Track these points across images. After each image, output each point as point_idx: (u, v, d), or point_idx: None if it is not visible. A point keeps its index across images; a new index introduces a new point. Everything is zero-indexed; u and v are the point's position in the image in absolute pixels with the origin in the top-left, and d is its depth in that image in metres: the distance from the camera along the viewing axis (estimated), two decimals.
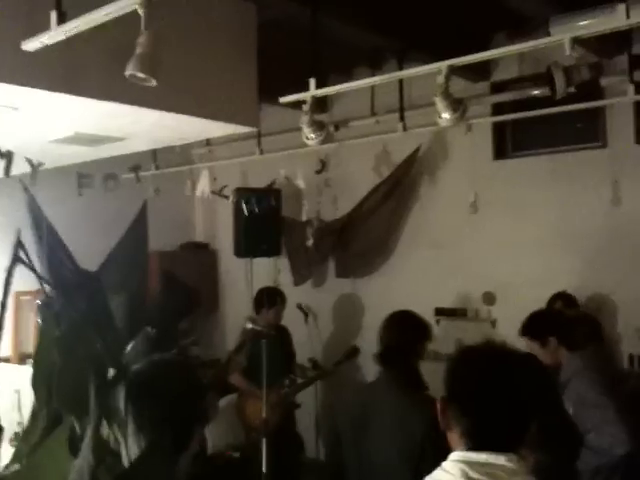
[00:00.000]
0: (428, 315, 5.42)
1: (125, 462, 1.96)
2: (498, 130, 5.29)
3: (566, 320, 3.57)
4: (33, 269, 3.83)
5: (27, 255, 3.76)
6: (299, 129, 3.64)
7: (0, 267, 4.27)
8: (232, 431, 4.84)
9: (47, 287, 4.12)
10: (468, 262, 5.29)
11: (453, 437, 1.57)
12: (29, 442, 3.73)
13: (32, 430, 3.84)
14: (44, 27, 2.50)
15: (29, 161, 3.52)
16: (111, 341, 4.76)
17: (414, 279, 5.60)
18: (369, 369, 5.81)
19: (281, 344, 5.07)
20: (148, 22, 2.23)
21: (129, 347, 4.22)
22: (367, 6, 3.94)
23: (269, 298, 5.13)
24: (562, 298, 4.70)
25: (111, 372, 3.72)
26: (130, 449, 1.86)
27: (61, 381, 3.75)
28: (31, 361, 4.52)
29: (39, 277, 3.85)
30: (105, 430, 3.61)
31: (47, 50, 2.60)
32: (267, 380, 4.30)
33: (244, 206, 5.54)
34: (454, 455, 1.54)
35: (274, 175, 5.97)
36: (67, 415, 3.65)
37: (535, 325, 3.45)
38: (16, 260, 3.72)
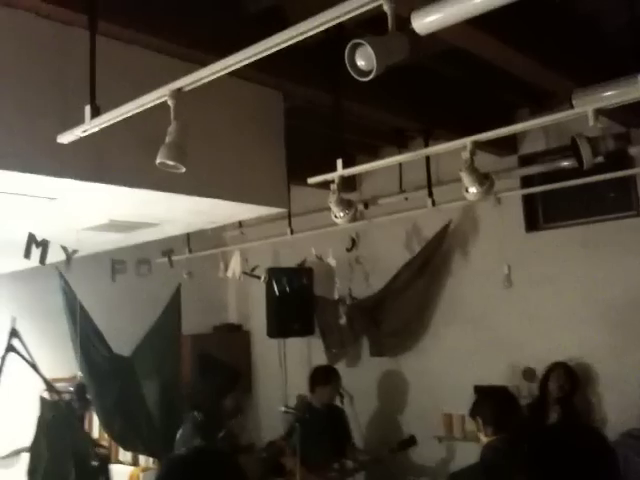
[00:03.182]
0: (467, 393, 5.29)
1: None
2: (529, 202, 5.27)
3: None
4: (25, 358, 3.89)
5: (23, 343, 3.81)
6: (329, 208, 3.67)
7: (36, 351, 4.34)
8: None
9: (79, 373, 4.18)
10: (505, 337, 5.16)
11: None
12: None
13: None
14: (79, 120, 2.60)
15: (64, 249, 3.60)
16: (144, 426, 4.73)
17: (451, 356, 5.47)
18: (419, 456, 5.62)
19: (333, 425, 4.94)
20: (177, 112, 2.30)
21: (178, 434, 4.17)
22: (390, 88, 4.04)
23: (325, 376, 5.05)
24: (559, 368, 4.60)
25: (94, 464, 3.70)
26: None
27: (47, 475, 3.74)
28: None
29: (32, 366, 3.90)
30: None
31: (82, 141, 2.70)
32: (314, 461, 4.16)
33: (275, 286, 5.55)
34: None
35: (305, 254, 5.99)
36: None
37: None
38: (9, 349, 3.77)
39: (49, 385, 3.95)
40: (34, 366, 3.89)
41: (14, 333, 3.77)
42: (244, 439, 5.84)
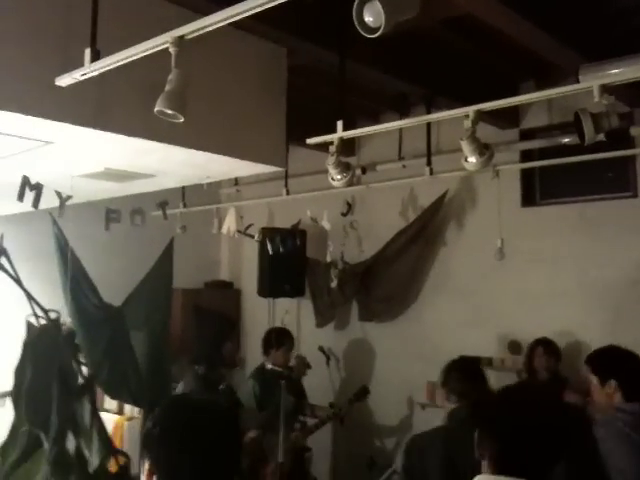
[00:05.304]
0: None
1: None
2: (527, 177, 5.26)
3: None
4: (10, 274, 3.86)
5: (10, 262, 3.77)
6: (326, 171, 3.66)
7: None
8: None
9: (69, 319, 4.17)
10: (494, 309, 5.21)
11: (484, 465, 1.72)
12: (8, 460, 3.70)
13: (11, 447, 3.82)
14: (78, 64, 2.57)
15: (58, 194, 3.57)
16: (132, 376, 4.76)
17: (439, 325, 5.52)
18: (382, 412, 5.73)
19: (289, 386, 5.00)
20: (179, 60, 2.27)
21: (178, 388, 4.20)
22: (395, 53, 4.00)
23: (277, 339, 5.04)
24: (542, 344, 4.61)
25: (79, 382, 3.68)
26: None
27: (29, 395, 3.74)
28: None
29: (17, 282, 3.88)
30: (71, 444, 3.59)
31: (80, 86, 2.67)
32: (277, 424, 4.19)
33: (269, 245, 5.55)
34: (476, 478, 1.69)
35: (300, 216, 5.99)
36: (35, 429, 3.65)
37: (602, 359, 3.03)
38: None
39: (34, 301, 3.90)
40: (19, 282, 3.85)
41: (1, 251, 3.71)
42: None
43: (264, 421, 4.43)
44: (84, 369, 4.17)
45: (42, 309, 3.85)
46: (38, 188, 3.37)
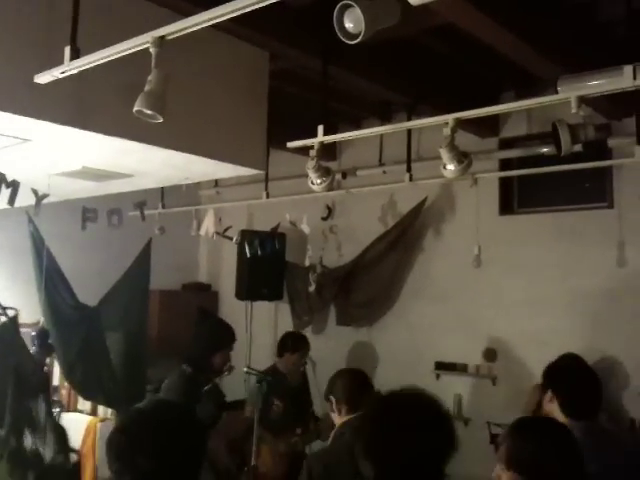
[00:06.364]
0: (428, 369, 5.38)
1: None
2: (505, 186, 5.30)
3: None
4: None
5: None
6: (307, 175, 3.67)
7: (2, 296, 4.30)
8: None
9: (42, 319, 4.15)
10: (470, 316, 5.23)
11: None
12: None
13: None
14: (58, 62, 2.54)
15: (34, 191, 3.54)
16: (106, 378, 4.73)
17: (415, 331, 5.54)
18: None
19: (296, 391, 4.98)
20: (159, 61, 2.26)
21: (163, 384, 4.21)
22: (378, 60, 4.02)
23: (293, 343, 5.06)
24: None
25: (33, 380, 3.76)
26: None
27: None
28: None
29: None
30: (28, 440, 3.66)
31: (60, 85, 2.65)
32: (277, 427, 4.17)
33: (247, 248, 5.53)
34: None
35: (280, 219, 5.98)
36: None
37: (550, 368, 2.90)
38: None
39: None
40: None
41: None
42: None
43: (250, 424, 4.41)
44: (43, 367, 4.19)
45: (0, 306, 3.87)
46: (14, 185, 3.33)
